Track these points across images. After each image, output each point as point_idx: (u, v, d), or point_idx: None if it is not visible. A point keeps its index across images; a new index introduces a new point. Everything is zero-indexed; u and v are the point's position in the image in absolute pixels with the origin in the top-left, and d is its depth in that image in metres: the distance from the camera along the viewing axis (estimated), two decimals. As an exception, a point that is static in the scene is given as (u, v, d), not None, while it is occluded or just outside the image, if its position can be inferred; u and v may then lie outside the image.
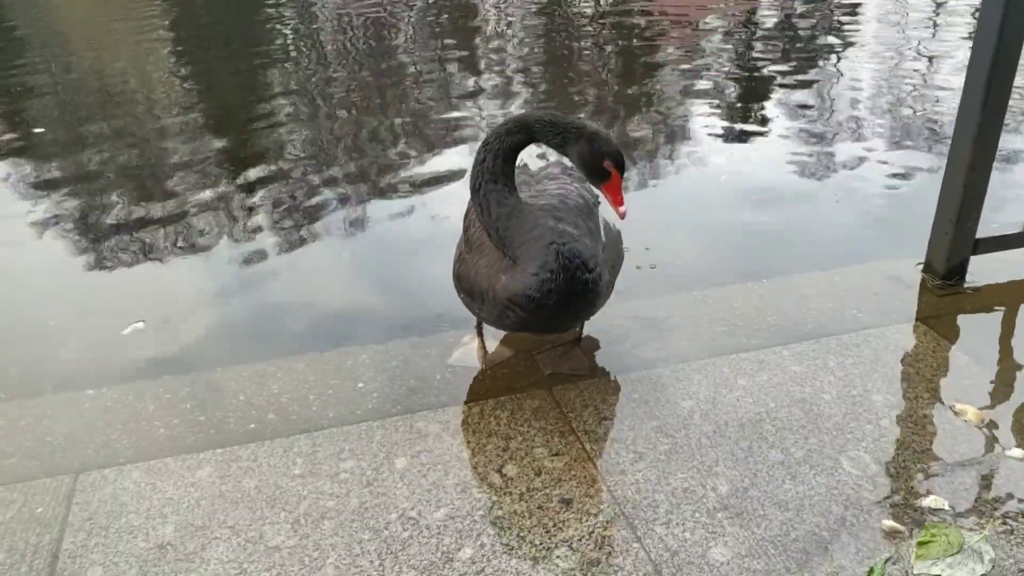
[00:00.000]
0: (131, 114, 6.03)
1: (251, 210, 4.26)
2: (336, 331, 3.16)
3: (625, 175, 2.23)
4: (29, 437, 2.41)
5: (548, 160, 2.70)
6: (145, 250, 3.90)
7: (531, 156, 4.88)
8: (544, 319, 2.21)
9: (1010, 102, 2.69)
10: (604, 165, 2.18)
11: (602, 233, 2.42)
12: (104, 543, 2.02)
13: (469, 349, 2.71)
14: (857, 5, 8.61)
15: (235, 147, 5.26)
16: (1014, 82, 2.67)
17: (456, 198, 4.09)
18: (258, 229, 4.06)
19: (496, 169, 2.23)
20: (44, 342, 3.17)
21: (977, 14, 3.05)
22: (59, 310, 3.40)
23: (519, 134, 2.21)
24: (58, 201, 4.48)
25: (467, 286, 2.37)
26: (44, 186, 4.72)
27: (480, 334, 2.75)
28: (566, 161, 2.49)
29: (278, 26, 8.83)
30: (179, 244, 3.94)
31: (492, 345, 2.74)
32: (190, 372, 2.70)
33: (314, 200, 4.35)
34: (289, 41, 8.18)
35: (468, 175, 2.84)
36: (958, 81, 5.81)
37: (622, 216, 2.22)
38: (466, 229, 2.50)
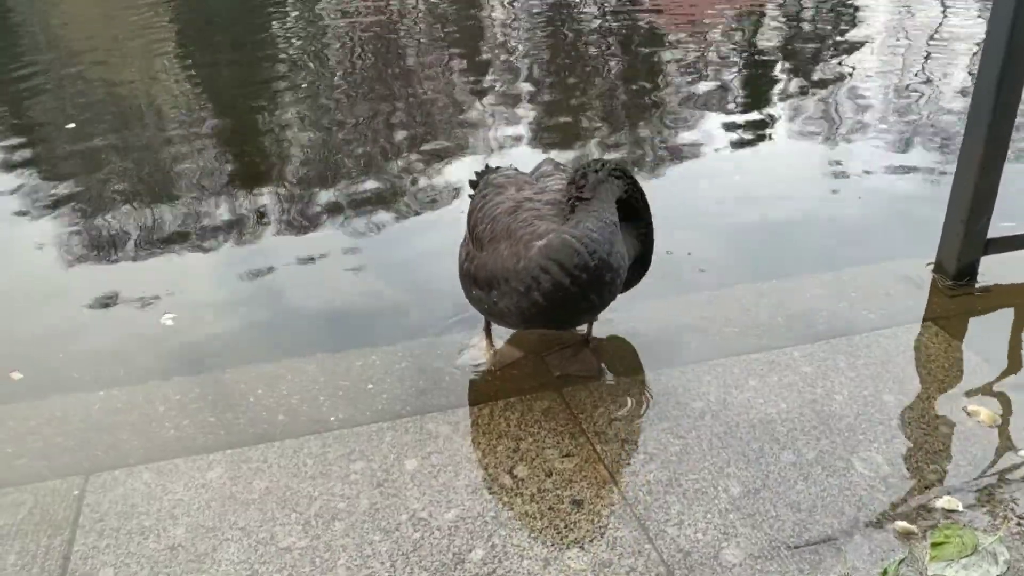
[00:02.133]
0: (140, 120, 6.05)
1: (261, 213, 4.27)
2: (345, 333, 3.16)
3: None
4: (39, 438, 2.41)
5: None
6: (150, 252, 3.90)
7: (528, 160, 4.87)
8: (567, 298, 2.22)
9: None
10: None
11: None
12: (115, 544, 2.02)
13: (478, 350, 2.71)
14: (865, 7, 8.60)
15: (243, 149, 5.27)
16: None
17: (463, 199, 4.09)
18: (266, 231, 4.06)
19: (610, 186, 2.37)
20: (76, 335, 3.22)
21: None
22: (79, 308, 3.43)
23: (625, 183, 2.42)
24: (69, 210, 4.49)
25: (486, 276, 2.35)
26: (58, 193, 4.73)
27: (488, 335, 2.75)
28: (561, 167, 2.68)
29: (283, 28, 8.87)
30: (185, 246, 3.95)
31: (500, 347, 2.74)
32: (199, 373, 2.70)
33: (323, 202, 4.34)
34: (295, 46, 8.20)
35: (475, 178, 2.85)
36: (968, 82, 5.83)
37: None
38: (472, 229, 2.49)
